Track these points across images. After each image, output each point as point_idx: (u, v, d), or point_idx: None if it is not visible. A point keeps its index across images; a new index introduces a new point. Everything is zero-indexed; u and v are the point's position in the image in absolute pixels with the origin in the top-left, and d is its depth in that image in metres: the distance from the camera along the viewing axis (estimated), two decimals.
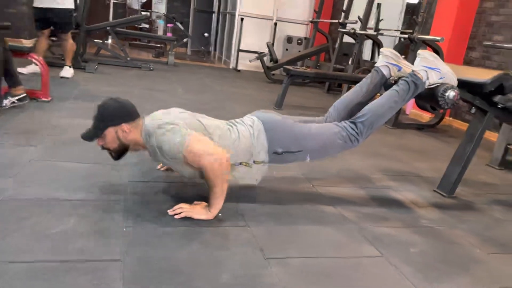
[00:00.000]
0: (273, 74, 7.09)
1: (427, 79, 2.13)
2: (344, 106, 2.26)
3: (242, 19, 7.87)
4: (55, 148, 2.45)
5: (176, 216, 1.78)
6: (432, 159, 3.38)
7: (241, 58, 8.00)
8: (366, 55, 7.18)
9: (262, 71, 7.13)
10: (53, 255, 1.42)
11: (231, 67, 8.25)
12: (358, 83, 2.36)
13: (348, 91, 2.32)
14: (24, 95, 3.19)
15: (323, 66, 7.47)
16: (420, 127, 4.65)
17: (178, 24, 8.70)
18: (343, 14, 6.59)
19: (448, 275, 1.64)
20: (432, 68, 2.14)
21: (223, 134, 1.92)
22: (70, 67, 4.80)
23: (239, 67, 8.05)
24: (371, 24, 6.38)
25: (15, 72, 3.23)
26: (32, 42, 3.89)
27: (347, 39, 6.63)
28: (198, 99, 4.56)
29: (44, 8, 4.54)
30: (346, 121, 2.14)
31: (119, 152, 1.94)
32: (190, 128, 1.83)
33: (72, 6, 4.76)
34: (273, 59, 6.95)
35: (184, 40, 8.69)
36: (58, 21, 4.65)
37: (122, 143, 1.90)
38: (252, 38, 8.11)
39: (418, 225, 2.08)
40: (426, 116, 5.07)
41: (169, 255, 1.51)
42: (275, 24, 8.10)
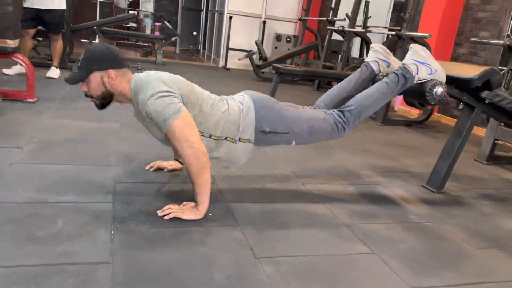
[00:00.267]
0: (262, 72, 7.08)
1: (417, 73, 2.14)
2: (331, 99, 2.26)
3: (231, 17, 7.85)
4: (40, 150, 2.41)
5: (165, 217, 1.76)
6: (421, 155, 3.40)
7: (230, 57, 7.98)
8: (355, 53, 7.20)
9: (252, 69, 7.12)
10: (38, 259, 1.39)
11: (220, 66, 8.22)
12: None
13: (336, 85, 2.32)
14: None
15: (312, 63, 7.48)
16: (409, 124, 4.67)
17: (166, 22, 8.65)
18: (331, 12, 6.60)
19: (436, 270, 1.65)
20: (423, 63, 2.15)
21: (215, 104, 1.91)
22: (57, 67, 4.75)
23: (229, 66, 8.03)
24: (359, 21, 6.40)
25: None
26: (17, 43, 3.83)
27: (336, 37, 6.65)
28: None
29: (36, 8, 4.48)
30: (334, 109, 2.14)
31: (103, 100, 1.88)
32: (184, 94, 1.80)
33: (64, 7, 4.70)
34: (262, 57, 6.94)
35: (173, 39, 8.63)
36: (51, 21, 4.60)
37: (107, 90, 1.83)
38: (241, 36, 8.09)
39: (407, 221, 2.09)
40: (414, 113, 5.10)
41: (159, 256, 1.49)
42: (264, 22, 8.09)
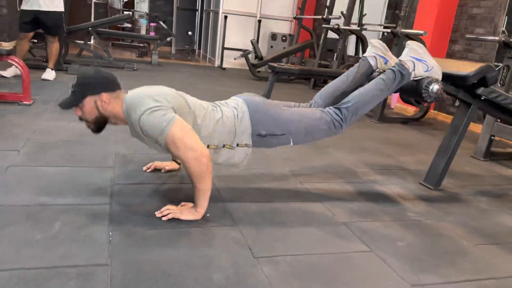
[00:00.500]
0: (258, 72, 7.08)
1: (414, 70, 2.14)
2: (329, 94, 2.26)
3: (226, 17, 7.84)
4: (37, 152, 2.40)
5: (164, 218, 1.76)
6: (418, 152, 3.41)
7: (226, 56, 7.97)
8: (350, 51, 7.21)
9: (247, 68, 7.11)
10: (37, 261, 1.39)
11: (216, 65, 8.21)
12: None
13: (334, 80, 2.32)
14: None
15: (308, 62, 7.48)
16: (405, 121, 4.68)
17: (161, 23, 8.63)
18: (326, 10, 6.60)
19: (435, 267, 1.65)
20: (419, 59, 2.15)
21: (207, 114, 1.90)
22: (52, 69, 4.73)
23: (224, 65, 8.02)
24: (354, 19, 6.41)
25: None
26: (12, 45, 3.81)
27: (331, 35, 6.65)
28: None
29: (34, 10, 4.46)
30: (331, 107, 2.14)
31: (98, 124, 1.86)
32: (175, 107, 1.78)
33: (63, 9, 4.68)
34: (258, 57, 6.94)
35: (168, 39, 8.61)
36: (50, 24, 4.59)
37: (101, 114, 1.82)
38: (236, 36, 8.09)
39: (405, 218, 2.09)
40: (410, 110, 5.12)
41: (157, 257, 1.49)
42: (259, 21, 8.08)
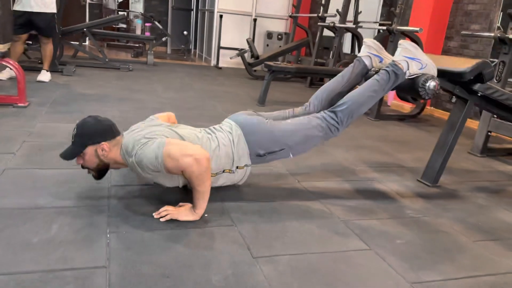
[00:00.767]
0: (254, 70, 7.07)
1: (408, 69, 2.14)
2: (326, 95, 2.26)
3: (221, 16, 7.82)
4: (33, 154, 2.39)
5: (162, 219, 1.75)
6: (415, 149, 3.41)
7: (221, 55, 7.95)
8: (346, 48, 7.21)
9: (244, 67, 7.10)
10: (34, 265, 1.38)
11: (212, 65, 8.20)
12: None
13: (329, 81, 2.32)
14: None
15: (304, 60, 7.47)
16: (402, 118, 4.69)
17: (157, 23, 8.60)
18: (321, 8, 6.59)
19: (434, 264, 1.65)
20: (412, 58, 2.15)
21: (203, 145, 1.90)
22: (47, 71, 4.71)
23: (220, 65, 8.00)
24: (350, 17, 6.40)
25: None
26: (6, 47, 3.79)
27: (327, 33, 6.65)
28: (179, 98, 4.51)
29: (27, 12, 4.43)
30: (326, 110, 2.13)
31: (100, 171, 1.90)
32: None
33: (55, 10, 4.66)
34: (254, 55, 6.92)
35: (163, 39, 8.59)
36: (42, 25, 4.56)
37: (103, 162, 1.86)
38: (232, 35, 8.07)
39: (403, 216, 2.09)
40: (407, 107, 5.12)
41: (156, 259, 1.48)
42: (255, 20, 8.07)
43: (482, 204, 2.36)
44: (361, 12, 6.64)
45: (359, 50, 2.31)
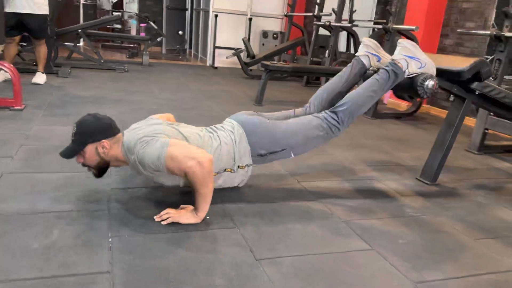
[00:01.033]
0: (250, 70, 7.06)
1: (407, 68, 2.14)
2: (325, 95, 2.27)
3: (216, 16, 7.81)
4: (31, 158, 2.37)
5: (163, 222, 1.75)
6: (413, 148, 3.42)
7: (217, 55, 7.94)
8: (342, 47, 7.21)
9: (239, 67, 7.09)
10: (35, 271, 1.36)
11: (208, 65, 8.18)
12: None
13: (328, 81, 2.32)
14: None
15: (300, 59, 7.47)
16: (399, 116, 4.70)
17: (151, 23, 8.56)
18: (317, 7, 6.59)
19: (436, 263, 1.66)
20: (412, 57, 2.15)
21: (205, 143, 1.90)
22: (42, 73, 4.68)
23: (216, 64, 7.99)
24: (345, 15, 6.40)
25: None
26: (0, 49, 3.76)
27: (322, 32, 6.65)
28: (176, 99, 4.49)
29: (19, 13, 4.39)
30: (326, 111, 2.14)
31: (100, 169, 1.89)
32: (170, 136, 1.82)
33: (47, 12, 4.62)
34: (250, 55, 6.91)
35: (158, 39, 8.56)
36: (33, 27, 4.52)
37: (103, 159, 1.85)
38: (227, 34, 8.06)
39: (404, 215, 2.10)
40: (403, 105, 5.13)
41: (159, 263, 1.48)
42: (250, 19, 8.06)
43: (481, 202, 2.37)
44: (355, 10, 6.65)
45: (355, 49, 2.33)
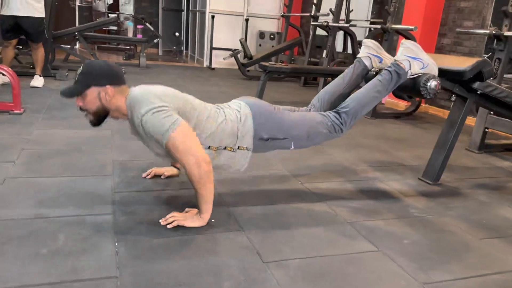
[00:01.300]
0: (248, 71, 7.06)
1: (410, 69, 2.15)
2: (327, 97, 2.26)
3: (213, 17, 7.80)
4: (33, 162, 2.36)
5: (169, 226, 1.74)
6: (413, 147, 3.43)
7: (214, 56, 7.93)
8: (339, 46, 7.22)
9: (237, 68, 7.09)
10: (44, 277, 1.35)
11: (205, 66, 8.17)
12: (335, 75, 2.37)
13: (331, 83, 2.32)
14: None
15: (297, 60, 7.48)
16: (398, 116, 4.71)
17: (148, 24, 8.54)
18: (314, 7, 6.60)
19: (443, 264, 1.66)
20: (415, 58, 2.16)
21: (211, 115, 1.88)
22: (40, 76, 4.65)
23: (213, 65, 7.98)
24: (341, 15, 6.41)
25: None
26: None
27: (319, 32, 6.65)
28: None
29: (15, 16, 4.36)
30: (330, 111, 2.14)
31: (98, 116, 1.82)
32: (179, 107, 1.77)
33: (43, 15, 4.59)
34: (247, 56, 6.91)
35: (155, 40, 8.53)
36: (30, 30, 4.48)
37: (103, 106, 1.79)
38: (224, 35, 8.05)
39: (408, 215, 2.10)
40: (402, 105, 5.14)
41: (166, 267, 1.47)
42: (247, 20, 8.05)
43: (484, 201, 2.37)
44: (352, 10, 6.66)
45: (352, 49, 2.32)
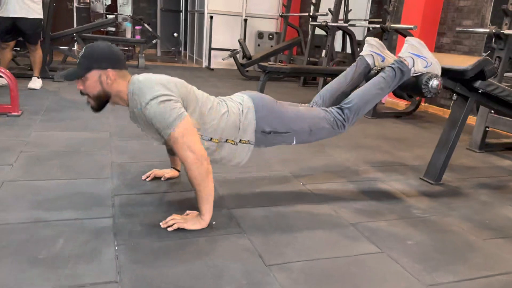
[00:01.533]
0: (247, 71, 7.04)
1: (413, 66, 2.13)
2: (329, 95, 2.24)
3: (211, 17, 7.78)
4: (31, 165, 2.33)
5: (169, 228, 1.72)
6: (414, 147, 3.41)
7: (213, 57, 7.91)
8: (337, 46, 7.20)
9: (236, 68, 7.07)
10: (43, 282, 1.33)
11: (204, 66, 8.15)
12: (335, 75, 2.35)
13: (333, 81, 2.30)
14: None
15: (296, 59, 7.46)
16: (398, 115, 4.70)
17: (146, 25, 8.53)
18: (312, 7, 6.59)
19: (447, 265, 1.64)
20: (418, 55, 2.14)
21: (213, 107, 1.86)
22: (38, 77, 4.63)
23: (212, 66, 7.96)
24: (340, 15, 6.40)
25: None
26: None
27: (317, 31, 6.64)
28: None
29: (13, 17, 4.33)
30: (333, 107, 2.12)
31: (98, 100, 1.80)
32: (183, 96, 1.75)
33: (41, 16, 4.57)
34: (246, 56, 6.89)
35: (153, 41, 8.52)
36: (27, 31, 4.45)
37: (104, 90, 1.76)
38: (223, 36, 8.03)
39: (411, 216, 2.08)
40: (402, 104, 5.13)
41: (167, 271, 1.45)
42: (245, 20, 8.04)
43: (486, 201, 2.36)
44: (351, 10, 6.65)
45: (351, 48, 2.30)
